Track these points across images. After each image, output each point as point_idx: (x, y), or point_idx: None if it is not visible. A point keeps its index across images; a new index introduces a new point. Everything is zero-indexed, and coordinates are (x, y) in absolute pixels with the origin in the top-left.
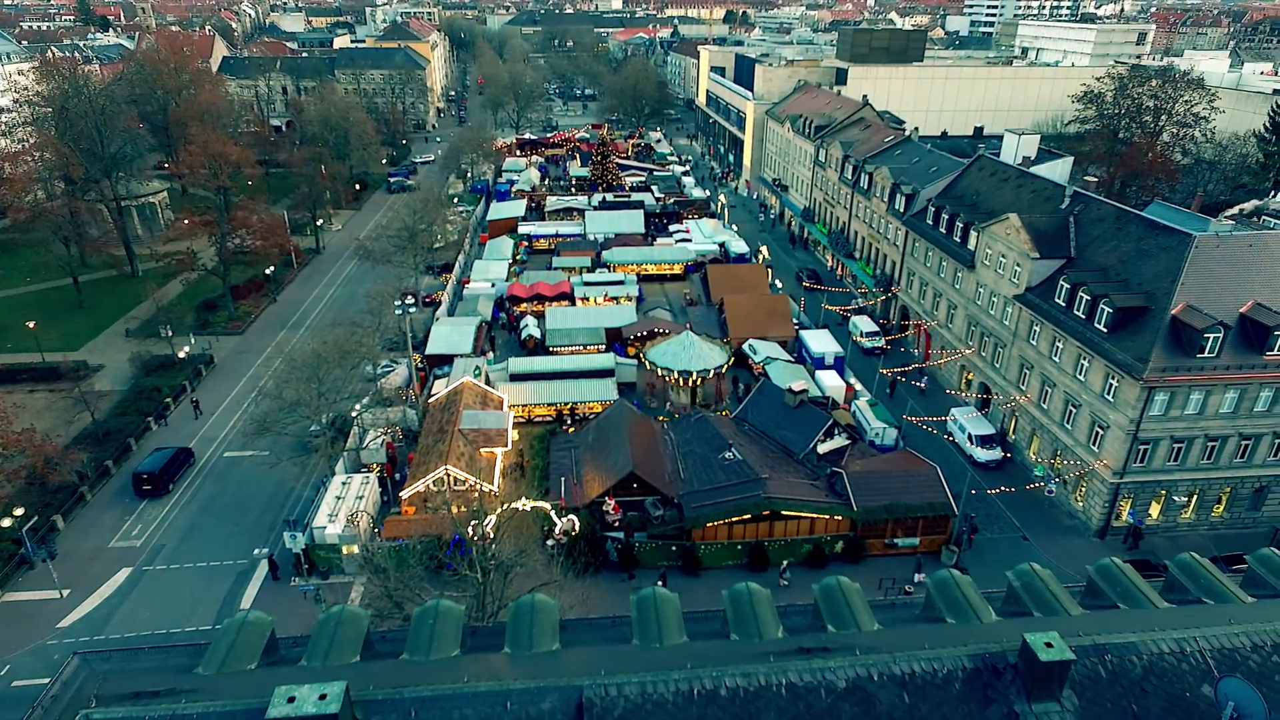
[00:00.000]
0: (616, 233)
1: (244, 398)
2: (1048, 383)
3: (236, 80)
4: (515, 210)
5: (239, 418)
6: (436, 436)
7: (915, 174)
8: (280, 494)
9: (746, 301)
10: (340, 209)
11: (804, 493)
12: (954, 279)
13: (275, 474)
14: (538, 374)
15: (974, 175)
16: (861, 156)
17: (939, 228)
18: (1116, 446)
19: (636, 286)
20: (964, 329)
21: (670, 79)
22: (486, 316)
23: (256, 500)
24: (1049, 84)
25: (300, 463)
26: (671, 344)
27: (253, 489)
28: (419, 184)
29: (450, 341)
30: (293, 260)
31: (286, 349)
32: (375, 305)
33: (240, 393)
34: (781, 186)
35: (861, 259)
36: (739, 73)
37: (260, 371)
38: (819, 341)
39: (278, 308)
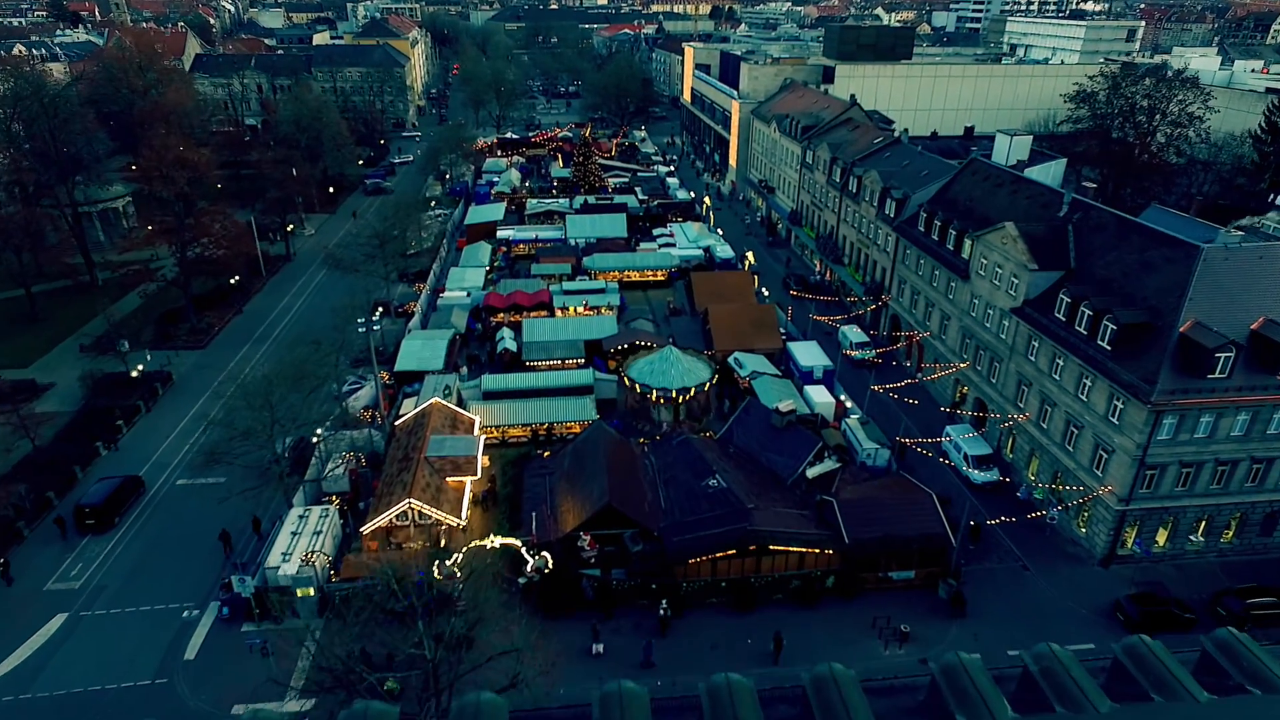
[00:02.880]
0: (598, 237)
1: (203, 418)
2: (1047, 401)
3: (210, 79)
4: (494, 214)
5: (194, 442)
6: (401, 464)
7: (906, 178)
8: (236, 526)
9: (731, 312)
10: (314, 212)
11: (792, 524)
12: (947, 289)
13: (231, 504)
14: (512, 392)
15: (967, 180)
16: (850, 159)
17: (931, 235)
18: (1122, 472)
19: (618, 295)
20: (958, 341)
21: (655, 76)
22: (460, 329)
23: (210, 534)
24: (1039, 82)
25: (255, 494)
26: (653, 360)
27: (207, 521)
28: (397, 185)
29: (421, 357)
30: (261, 268)
31: (246, 368)
32: (340, 321)
33: (200, 412)
34: (768, 188)
35: (850, 265)
36: (724, 70)
37: (223, 388)
38: (807, 354)
39: (244, 319)
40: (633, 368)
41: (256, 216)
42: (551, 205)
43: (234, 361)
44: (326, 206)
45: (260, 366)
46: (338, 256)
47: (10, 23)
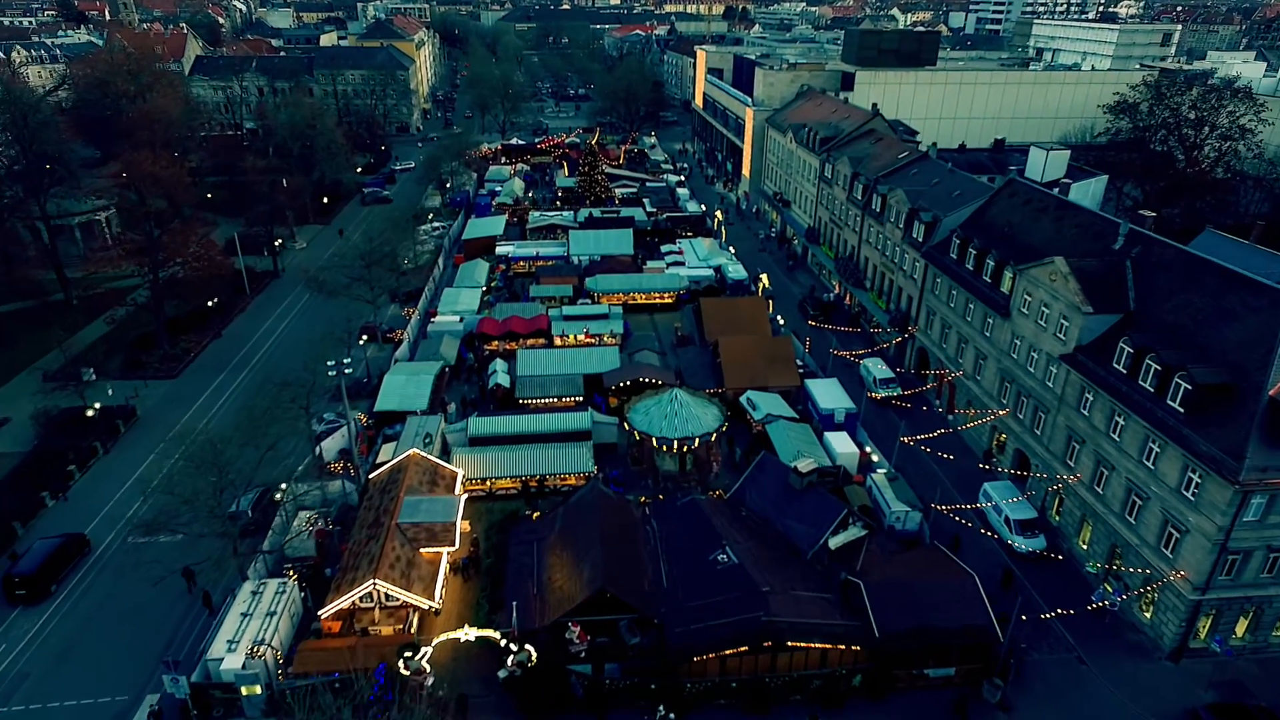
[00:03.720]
0: (602, 254)
1: (165, 461)
2: (1104, 463)
3: (209, 81)
4: (494, 228)
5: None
6: (371, 530)
7: (935, 198)
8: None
9: (744, 345)
10: (307, 223)
11: (814, 612)
12: (984, 326)
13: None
14: (502, 438)
15: (1005, 203)
16: (873, 175)
17: (965, 264)
18: (1199, 557)
19: (621, 321)
20: (996, 384)
21: (667, 79)
22: (450, 360)
23: (157, 606)
24: (1072, 90)
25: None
26: (658, 403)
27: (158, 589)
28: (397, 193)
29: (404, 395)
30: (245, 285)
31: (217, 404)
32: (314, 358)
33: (162, 455)
34: (783, 201)
35: (872, 290)
36: (737, 75)
37: (193, 422)
38: (828, 394)
39: (222, 343)
40: (635, 411)
41: (241, 232)
42: (555, 219)
43: (207, 393)
44: (321, 217)
45: (229, 404)
46: (320, 280)
47: (20, 23)
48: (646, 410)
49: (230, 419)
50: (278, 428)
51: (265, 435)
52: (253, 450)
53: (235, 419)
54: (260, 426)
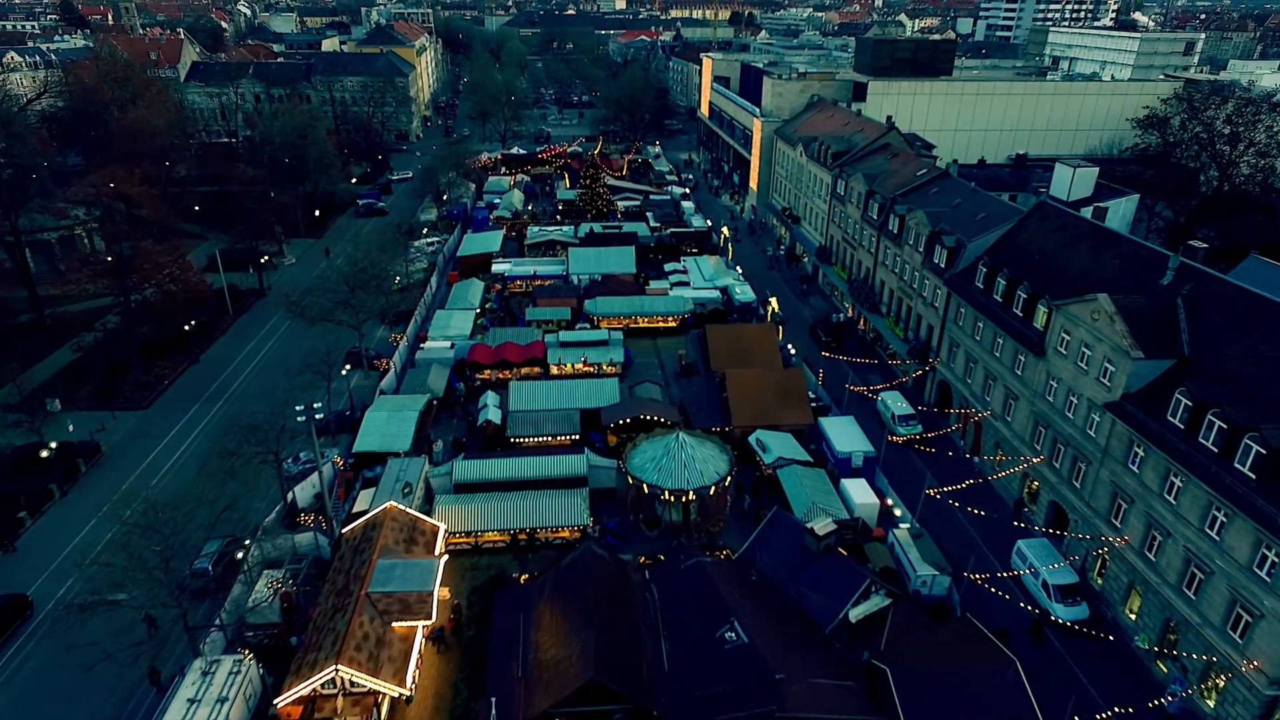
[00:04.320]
0: (603, 273)
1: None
2: (1157, 527)
3: (204, 88)
4: (491, 243)
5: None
6: (338, 600)
7: (958, 221)
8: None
9: (753, 379)
10: (298, 237)
11: (834, 703)
12: (1015, 363)
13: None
14: (489, 484)
15: (1035, 227)
16: (890, 194)
17: (993, 295)
18: (1275, 645)
19: (622, 349)
20: (1028, 428)
21: (672, 86)
22: (438, 392)
23: (101, 682)
24: (1094, 101)
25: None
26: (659, 446)
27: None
28: (393, 205)
29: (385, 434)
30: (228, 305)
31: (188, 439)
32: (282, 401)
33: (122, 500)
34: (793, 217)
35: (890, 316)
36: (745, 84)
37: (159, 460)
38: (844, 435)
39: (200, 369)
40: (635, 456)
41: (223, 249)
42: (554, 234)
43: (178, 426)
44: (313, 230)
45: (200, 441)
46: (302, 305)
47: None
48: (647, 455)
49: (196, 460)
50: (246, 474)
51: (229, 486)
52: (213, 504)
53: (201, 461)
54: (223, 477)
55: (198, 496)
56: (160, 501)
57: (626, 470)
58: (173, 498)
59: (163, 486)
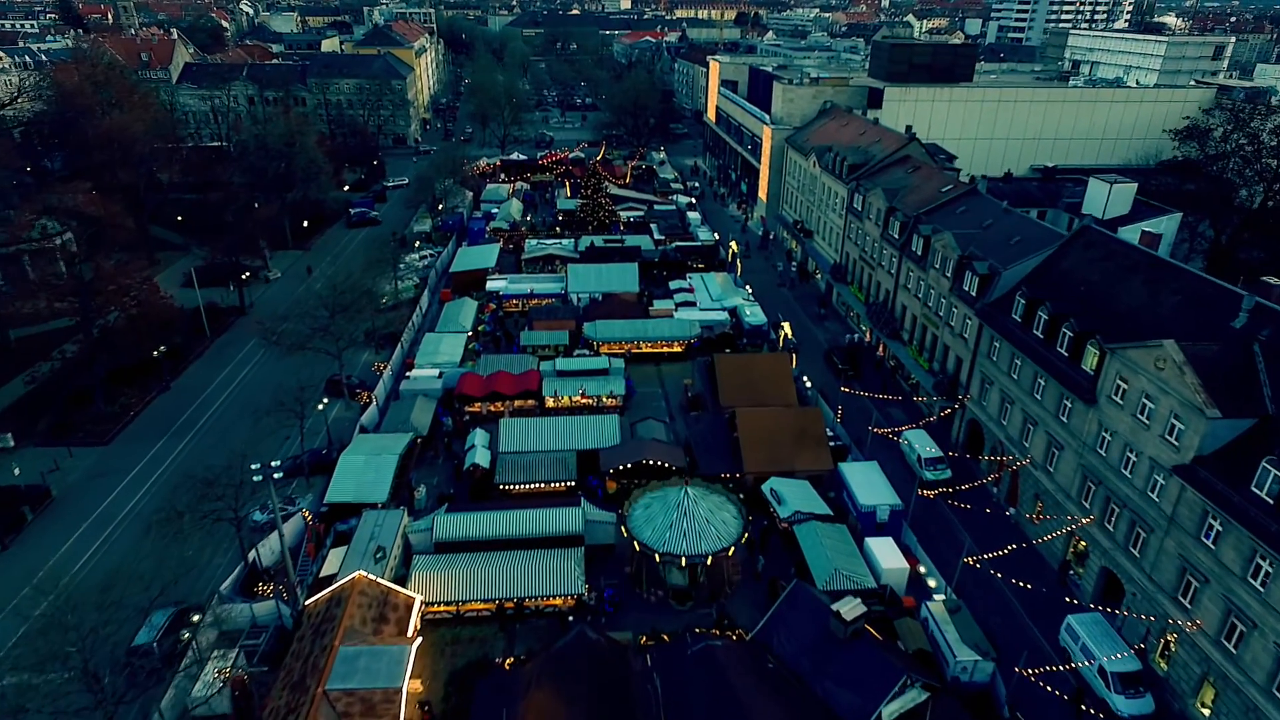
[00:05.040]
0: (604, 292)
1: (72, 560)
2: (1239, 615)
3: (196, 90)
4: (486, 258)
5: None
6: (293, 695)
7: (990, 244)
8: None
9: (767, 420)
10: (285, 248)
11: None
12: (1059, 408)
13: None
14: (473, 542)
15: (1078, 255)
16: (912, 211)
17: (1033, 330)
18: None
19: (623, 380)
20: (1075, 483)
21: (677, 88)
22: (423, 429)
23: None
24: (1123, 109)
25: None
26: (663, 502)
27: None
28: (387, 214)
29: (361, 483)
30: (205, 327)
31: (153, 476)
32: (255, 437)
33: (70, 553)
34: (805, 231)
35: (912, 345)
36: (753, 89)
37: (115, 506)
38: (867, 484)
39: (170, 398)
40: (637, 513)
41: (200, 265)
42: (553, 248)
43: (140, 465)
44: (301, 242)
45: (163, 482)
46: (278, 332)
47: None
48: (650, 512)
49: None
50: (198, 536)
51: (181, 548)
52: (163, 564)
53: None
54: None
55: (144, 559)
56: (86, 584)
57: (627, 529)
58: (117, 561)
59: (109, 548)
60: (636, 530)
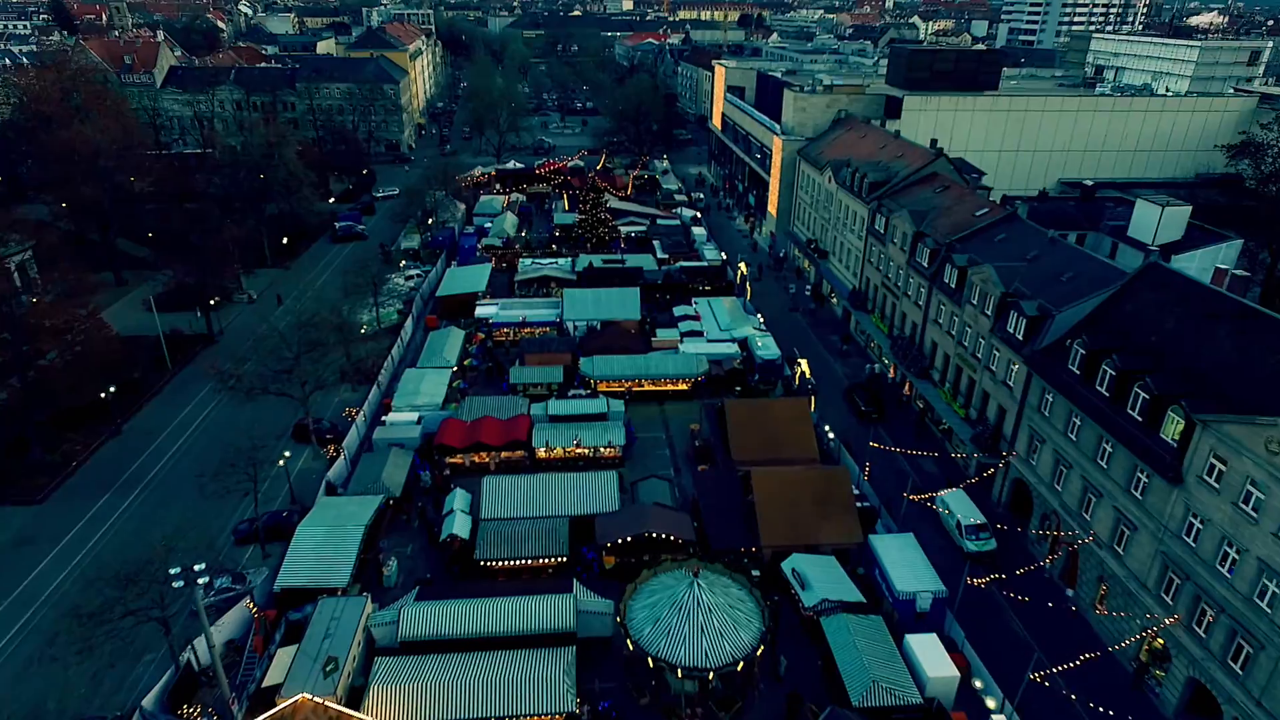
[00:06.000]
0: (603, 320)
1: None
2: None
3: (182, 95)
4: (476, 280)
5: None
6: None
7: (1037, 280)
8: None
9: (786, 484)
10: (264, 267)
11: None
12: (1132, 481)
13: None
14: (445, 643)
15: (1145, 297)
16: (944, 238)
17: (1096, 386)
18: None
19: (623, 428)
20: (1154, 572)
21: (681, 92)
22: (395, 489)
23: None
24: (1159, 119)
25: None
26: (668, 599)
27: None
28: (374, 228)
29: (319, 562)
30: (166, 359)
31: (90, 542)
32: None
33: None
34: (819, 251)
35: (945, 387)
36: (761, 96)
37: (34, 588)
38: (904, 564)
39: (120, 445)
40: (638, 610)
41: (168, 289)
42: (548, 269)
43: (76, 529)
44: (281, 259)
45: (103, 548)
46: (237, 374)
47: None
48: (654, 609)
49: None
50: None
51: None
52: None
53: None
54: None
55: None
56: None
57: (627, 633)
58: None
59: (13, 651)
60: (638, 633)
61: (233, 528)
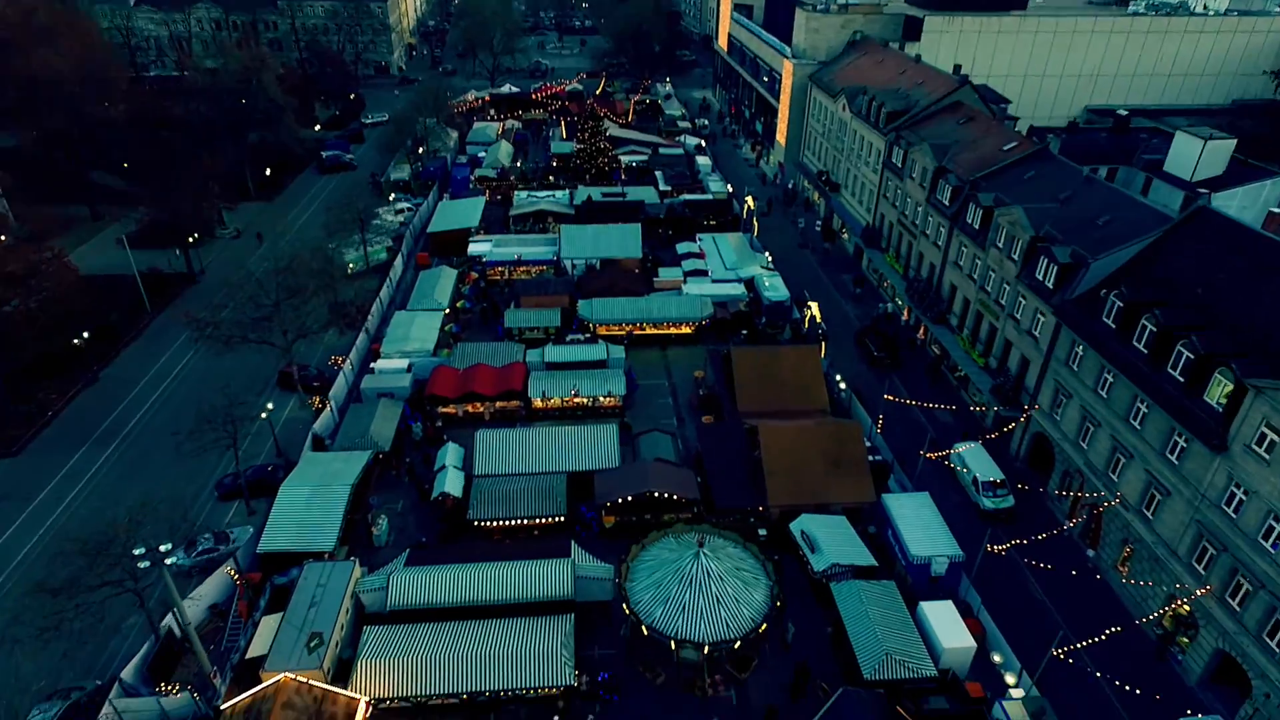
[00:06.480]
0: (602, 258)
1: None
2: None
3: (156, 13)
4: (469, 215)
5: None
6: None
7: (1070, 224)
8: None
9: (796, 439)
10: (248, 199)
11: None
12: (1167, 444)
13: None
14: (436, 612)
15: (1192, 246)
16: (968, 175)
17: (1134, 341)
18: None
19: (624, 377)
20: (1185, 539)
21: (684, 9)
22: (384, 444)
23: None
24: (1196, 40)
25: None
26: (671, 567)
27: None
28: (363, 157)
29: (304, 524)
30: (145, 300)
31: (72, 491)
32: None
33: None
34: (830, 184)
35: (964, 334)
36: (771, 15)
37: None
38: (919, 526)
39: (99, 394)
40: (639, 578)
41: (143, 226)
42: (545, 202)
43: (53, 482)
44: (265, 191)
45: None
46: (214, 323)
47: None
48: (655, 578)
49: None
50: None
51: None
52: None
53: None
54: None
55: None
56: None
57: (628, 603)
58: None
59: None
60: (638, 602)
61: (215, 483)
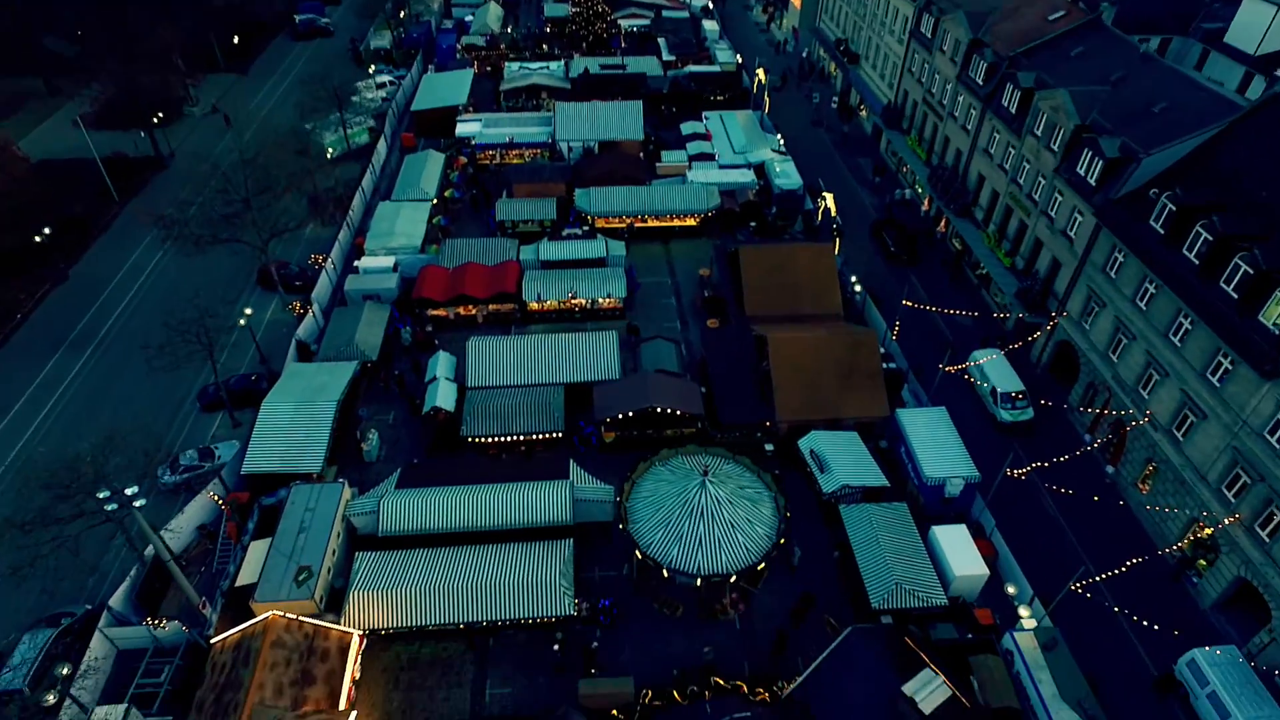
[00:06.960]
0: (601, 140)
1: None
2: None
3: None
4: (457, 90)
5: None
6: None
7: (1122, 110)
8: None
9: (806, 349)
10: (216, 71)
11: None
12: (1209, 364)
13: None
14: (427, 538)
15: (1261, 141)
16: (1006, 50)
17: (1184, 250)
18: None
19: (624, 277)
20: (1218, 466)
21: None
22: (371, 352)
23: None
24: None
25: None
26: (675, 494)
27: None
28: (345, 20)
29: (288, 443)
30: (111, 190)
31: (50, 401)
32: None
33: None
34: (849, 54)
35: (989, 230)
36: None
37: None
38: (934, 445)
39: (69, 291)
40: (640, 507)
41: (99, 106)
42: (538, 75)
43: (30, 390)
44: (236, 61)
45: (61, 418)
46: (181, 220)
47: None
48: (658, 507)
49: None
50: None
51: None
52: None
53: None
54: None
55: None
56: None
57: (628, 529)
58: None
59: None
60: (639, 532)
61: (197, 393)
